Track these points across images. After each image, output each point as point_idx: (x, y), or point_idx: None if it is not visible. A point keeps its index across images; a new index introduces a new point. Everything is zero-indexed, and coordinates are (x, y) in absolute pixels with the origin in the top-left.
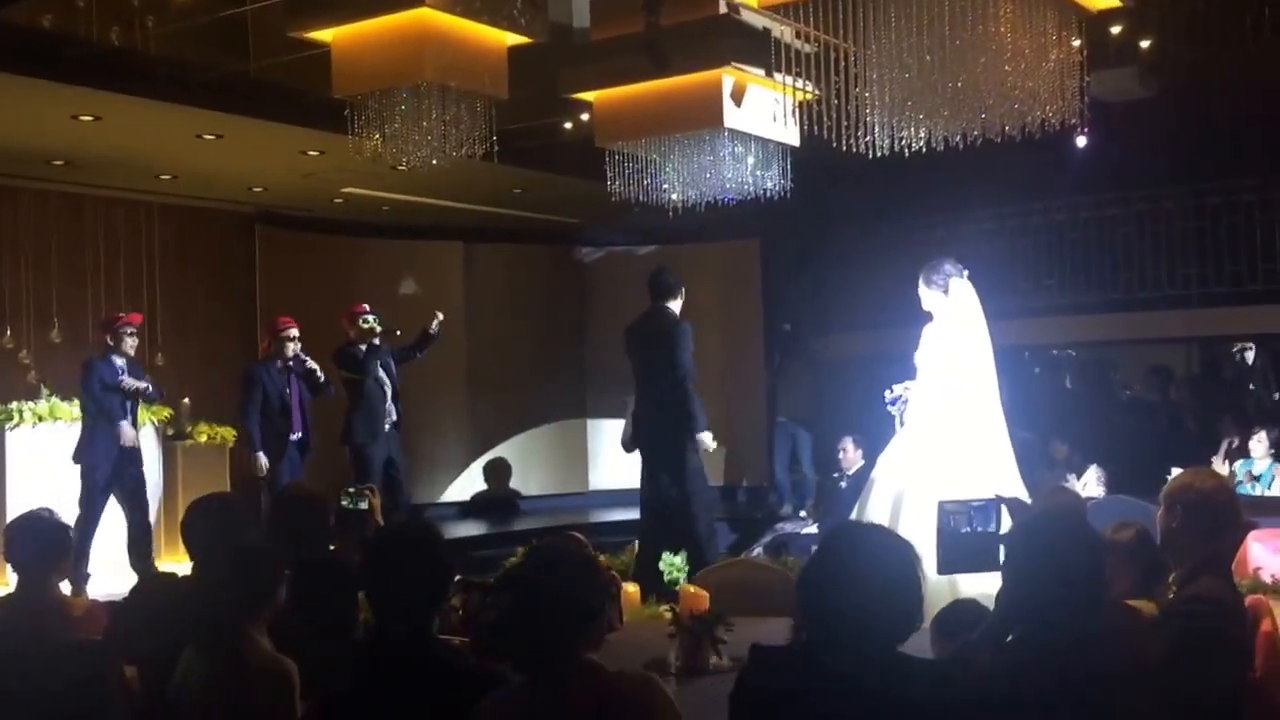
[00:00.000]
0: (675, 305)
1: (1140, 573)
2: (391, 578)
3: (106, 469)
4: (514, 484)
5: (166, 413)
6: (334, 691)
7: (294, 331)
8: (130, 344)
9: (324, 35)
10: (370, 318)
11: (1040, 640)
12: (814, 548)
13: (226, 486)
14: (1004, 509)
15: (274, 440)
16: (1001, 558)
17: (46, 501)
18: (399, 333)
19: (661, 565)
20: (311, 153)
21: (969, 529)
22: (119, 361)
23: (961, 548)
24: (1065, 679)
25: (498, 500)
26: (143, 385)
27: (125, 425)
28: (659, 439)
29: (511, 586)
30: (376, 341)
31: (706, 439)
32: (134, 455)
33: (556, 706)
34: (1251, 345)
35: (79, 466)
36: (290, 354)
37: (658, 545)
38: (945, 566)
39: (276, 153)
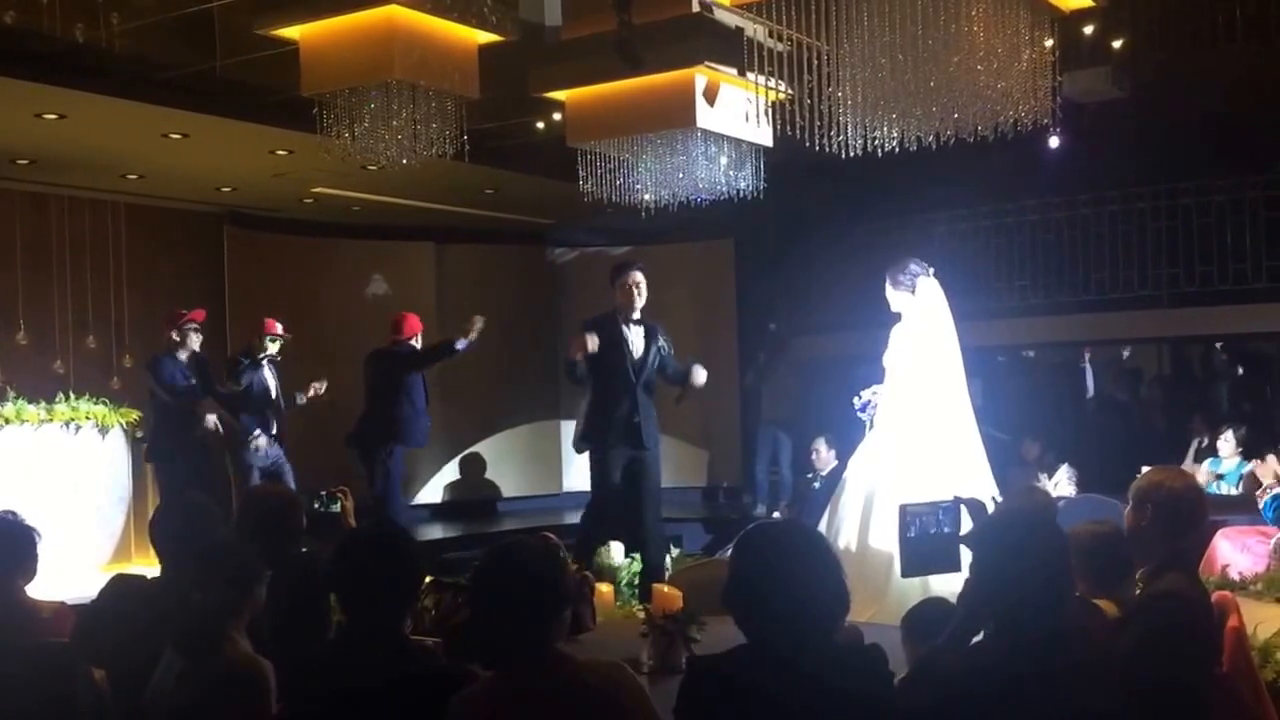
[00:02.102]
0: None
1: (1102, 571)
2: (362, 579)
3: (185, 461)
4: (488, 486)
5: (135, 415)
6: (307, 692)
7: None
8: (195, 340)
9: (292, 33)
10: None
11: (1006, 639)
12: (731, 556)
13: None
14: (963, 510)
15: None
16: (962, 558)
17: (13, 505)
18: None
19: (635, 565)
20: (280, 152)
21: (933, 530)
22: (182, 356)
23: (924, 550)
24: (1030, 676)
25: (471, 502)
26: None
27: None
28: None
29: (474, 583)
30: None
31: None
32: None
33: (528, 697)
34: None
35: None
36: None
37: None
38: (909, 569)
39: (245, 152)
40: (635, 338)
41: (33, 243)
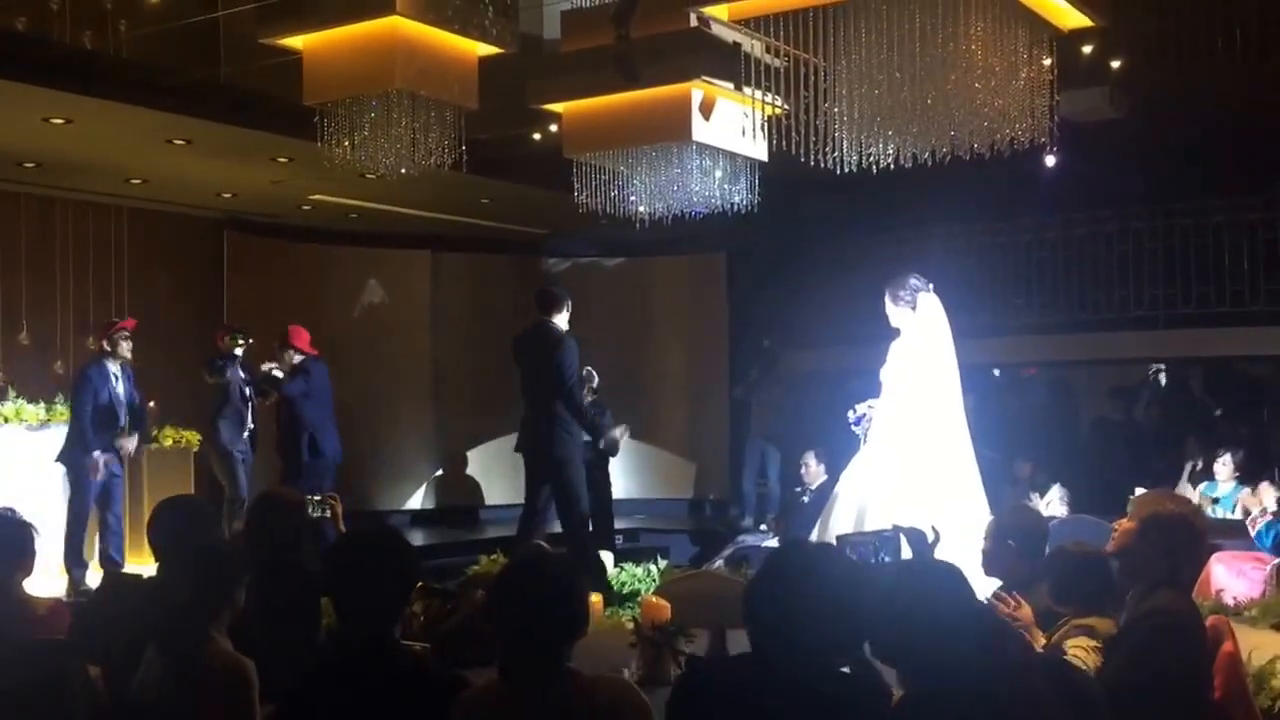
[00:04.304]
0: (560, 319)
1: (1089, 591)
2: (355, 583)
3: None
4: (476, 493)
5: None
6: (296, 694)
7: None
8: (125, 348)
9: (295, 42)
10: (238, 335)
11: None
12: (766, 561)
13: (191, 489)
14: (903, 539)
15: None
16: None
17: (12, 501)
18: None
19: (624, 576)
20: (281, 159)
21: (873, 561)
22: (112, 367)
23: None
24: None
25: (459, 508)
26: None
27: (125, 441)
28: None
29: (500, 586)
30: (238, 352)
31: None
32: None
33: (533, 704)
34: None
35: (65, 468)
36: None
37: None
38: None
39: (246, 159)
40: None
41: (37, 245)
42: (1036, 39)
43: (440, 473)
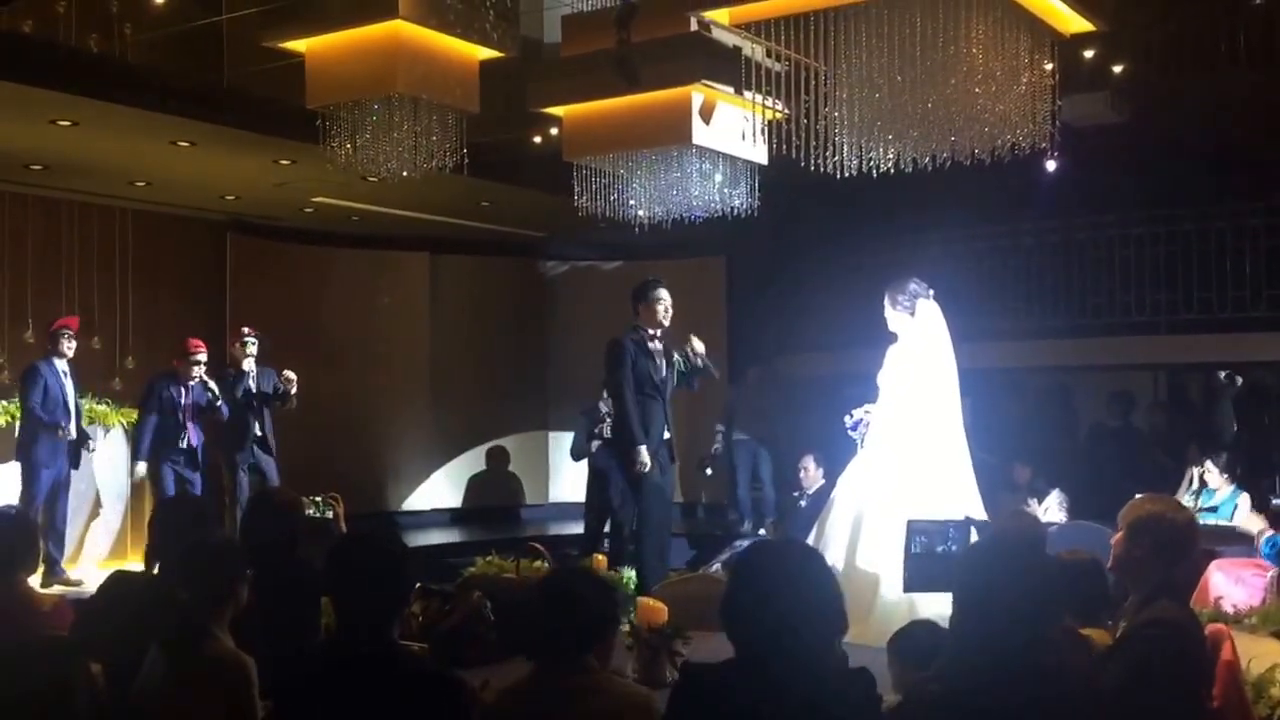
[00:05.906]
0: (639, 318)
1: (1083, 600)
2: (355, 583)
3: (54, 469)
4: (473, 494)
5: (135, 414)
6: (295, 693)
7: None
8: (66, 347)
9: (298, 46)
10: (248, 341)
11: (986, 670)
12: (731, 570)
13: None
14: (973, 530)
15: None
16: None
17: (17, 499)
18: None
19: (619, 578)
20: (283, 162)
21: (939, 549)
22: (60, 364)
23: (925, 568)
24: (1009, 709)
25: (457, 510)
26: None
27: (68, 425)
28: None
29: (552, 591)
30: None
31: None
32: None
33: (562, 703)
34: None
35: (20, 465)
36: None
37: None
38: (910, 585)
39: (249, 161)
40: (660, 355)
41: (43, 246)
42: (1038, 44)
43: (440, 475)
